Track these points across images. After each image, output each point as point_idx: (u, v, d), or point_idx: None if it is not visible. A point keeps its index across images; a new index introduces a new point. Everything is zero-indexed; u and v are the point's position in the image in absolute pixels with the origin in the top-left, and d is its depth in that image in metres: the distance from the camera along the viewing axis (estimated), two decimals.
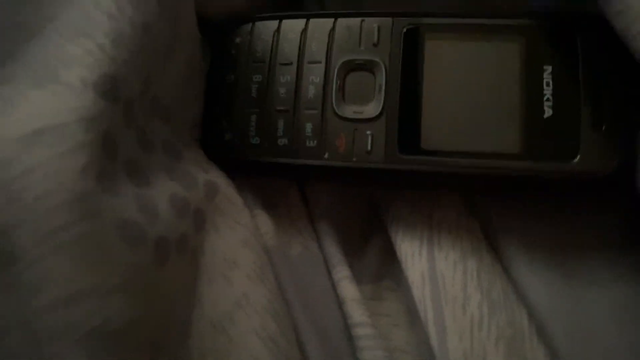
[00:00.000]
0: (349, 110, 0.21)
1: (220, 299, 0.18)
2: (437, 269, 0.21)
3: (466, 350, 0.19)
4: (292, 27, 0.22)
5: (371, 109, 0.21)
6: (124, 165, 0.16)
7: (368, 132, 0.20)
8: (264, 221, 0.21)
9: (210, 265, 0.18)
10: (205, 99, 0.22)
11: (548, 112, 0.19)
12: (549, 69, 0.20)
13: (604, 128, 0.19)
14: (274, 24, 0.22)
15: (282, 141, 0.21)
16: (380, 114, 0.20)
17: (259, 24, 0.22)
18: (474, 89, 0.20)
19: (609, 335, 0.19)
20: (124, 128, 0.16)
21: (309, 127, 0.21)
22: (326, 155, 0.21)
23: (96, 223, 0.14)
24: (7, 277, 0.13)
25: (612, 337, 0.19)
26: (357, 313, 0.20)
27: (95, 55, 0.15)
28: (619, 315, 0.20)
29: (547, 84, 0.20)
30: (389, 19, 0.21)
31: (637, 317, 0.19)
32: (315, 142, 0.21)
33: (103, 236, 0.14)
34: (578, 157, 0.19)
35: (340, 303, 0.21)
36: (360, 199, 0.24)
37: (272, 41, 0.22)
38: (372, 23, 0.21)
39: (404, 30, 0.21)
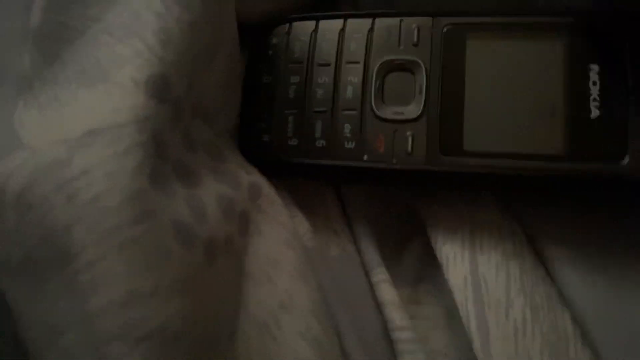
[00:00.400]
0: (389, 111, 0.21)
1: (265, 299, 0.17)
2: (479, 272, 0.20)
3: (510, 355, 0.19)
4: (330, 27, 0.22)
5: (412, 110, 0.20)
6: (173, 166, 0.16)
7: (408, 133, 0.20)
8: (302, 222, 0.21)
9: (254, 265, 0.18)
10: (243, 101, 0.22)
11: (595, 112, 0.19)
12: (595, 68, 0.19)
13: None
14: (311, 24, 0.22)
15: (321, 142, 0.21)
16: (421, 114, 0.20)
17: (296, 24, 0.22)
18: (517, 89, 0.20)
19: None
20: (171, 129, 0.16)
21: (347, 128, 0.21)
22: (365, 157, 0.20)
23: (151, 223, 0.14)
24: (65, 277, 0.13)
25: None
26: (397, 316, 0.20)
27: (144, 55, 0.15)
28: None
29: (594, 83, 0.19)
30: (429, 19, 0.21)
31: None
32: (354, 143, 0.21)
33: (158, 236, 0.14)
34: (627, 157, 0.18)
35: (379, 306, 0.21)
36: (398, 202, 0.23)
37: (310, 42, 0.22)
38: (411, 23, 0.21)
39: (444, 29, 0.21)
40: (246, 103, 0.22)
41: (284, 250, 0.19)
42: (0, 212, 0.14)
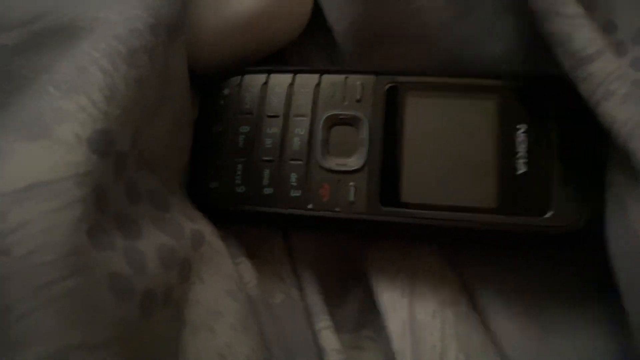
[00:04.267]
0: (333, 162, 0.22)
1: (203, 350, 0.18)
2: (416, 319, 0.21)
3: None
4: (280, 81, 0.23)
5: (354, 162, 0.21)
6: (114, 218, 0.16)
7: (351, 184, 0.21)
8: (247, 270, 0.22)
9: (195, 316, 0.18)
10: (193, 148, 0.23)
11: (521, 169, 0.20)
12: (522, 127, 0.21)
13: (573, 186, 0.20)
14: (262, 77, 0.23)
15: (267, 190, 0.22)
16: (363, 166, 0.21)
17: (247, 77, 0.23)
18: (452, 145, 0.21)
19: None
20: (114, 181, 0.16)
21: (293, 177, 0.22)
22: (310, 205, 0.21)
23: (86, 277, 0.14)
24: None
25: None
26: None
27: (88, 110, 0.15)
28: None
29: (521, 142, 0.21)
30: (372, 77, 0.22)
31: None
32: (299, 192, 0.21)
33: (93, 290, 0.14)
34: (549, 213, 0.20)
35: (320, 352, 0.21)
36: (343, 248, 0.24)
37: (260, 94, 0.23)
38: (355, 80, 0.22)
39: (386, 87, 0.22)
40: (196, 151, 0.23)
41: (226, 301, 0.19)
42: None
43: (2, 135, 0.15)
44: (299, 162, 0.22)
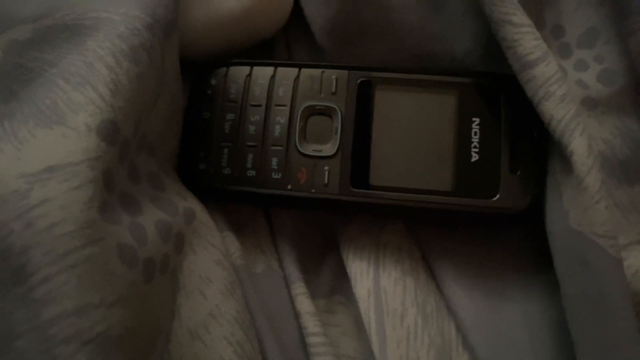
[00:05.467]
0: (310, 148, 0.24)
1: (196, 310, 0.20)
2: (380, 286, 0.24)
3: (402, 356, 0.23)
4: (262, 73, 0.25)
5: (328, 148, 0.24)
6: (119, 197, 0.18)
7: (325, 168, 0.24)
8: (232, 242, 0.24)
9: (188, 281, 0.21)
10: (183, 133, 0.25)
11: (475, 157, 0.23)
12: (477, 120, 0.24)
13: (519, 173, 0.23)
14: (246, 69, 0.25)
15: (251, 173, 0.24)
16: (336, 152, 0.24)
17: (233, 68, 0.25)
18: (416, 135, 0.24)
19: (521, 343, 0.23)
20: (119, 165, 0.19)
21: (274, 161, 0.24)
22: (289, 187, 0.24)
23: (100, 247, 0.16)
24: (21, 291, 0.16)
25: (524, 345, 0.23)
26: (311, 324, 0.23)
27: (96, 103, 0.18)
28: (530, 327, 0.24)
29: (475, 133, 0.24)
30: (346, 72, 0.25)
31: (544, 328, 0.23)
32: (279, 174, 0.24)
33: (105, 258, 0.17)
34: (497, 196, 0.23)
35: (297, 315, 0.24)
36: (319, 224, 0.27)
37: (244, 84, 0.25)
38: (331, 74, 0.25)
39: (358, 82, 0.24)
40: (186, 135, 0.25)
41: (215, 269, 0.22)
42: None
43: (21, 121, 0.17)
44: (280, 148, 0.24)
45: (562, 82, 0.21)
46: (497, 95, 0.24)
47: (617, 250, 0.20)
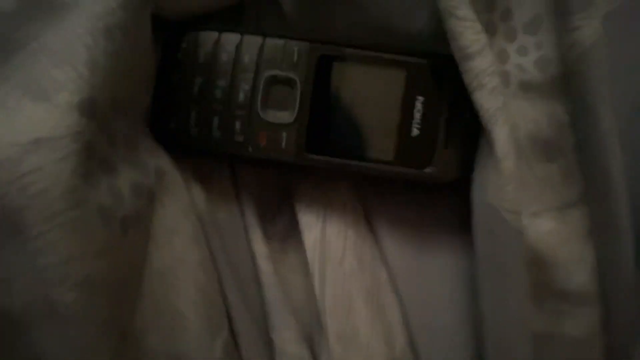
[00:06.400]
0: (270, 115, 0.27)
1: (165, 257, 0.24)
2: (326, 236, 0.28)
3: (338, 294, 0.27)
4: (230, 39, 0.27)
5: (287, 116, 0.27)
6: (99, 163, 0.21)
7: (284, 134, 0.27)
8: (199, 193, 0.28)
9: (158, 232, 0.24)
10: (155, 93, 0.27)
11: (415, 132, 0.26)
12: (421, 99, 0.26)
13: (452, 148, 0.26)
14: (214, 34, 0.27)
15: (216, 134, 0.27)
16: (294, 120, 0.27)
17: (202, 33, 0.27)
18: (365, 108, 0.27)
19: (441, 290, 0.28)
20: (99, 134, 0.21)
21: (238, 124, 0.27)
22: (250, 149, 0.27)
23: (83, 209, 0.19)
24: (17, 243, 0.19)
25: (444, 292, 0.28)
26: (264, 263, 0.28)
27: (77, 82, 0.20)
28: (450, 278, 0.28)
29: (418, 111, 0.26)
30: (307, 43, 0.27)
31: (461, 279, 0.28)
32: (242, 137, 0.27)
33: (88, 218, 0.20)
34: (431, 167, 0.26)
35: (253, 256, 0.28)
36: (277, 178, 0.30)
37: (212, 50, 0.27)
38: (293, 45, 0.27)
39: (318, 55, 0.27)
40: (158, 96, 0.27)
41: (182, 220, 0.25)
42: None
43: (11, 88, 0.20)
44: (243, 112, 0.27)
45: (493, 76, 0.24)
46: (441, 76, 0.26)
47: (518, 222, 0.24)
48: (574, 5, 0.25)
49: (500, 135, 0.24)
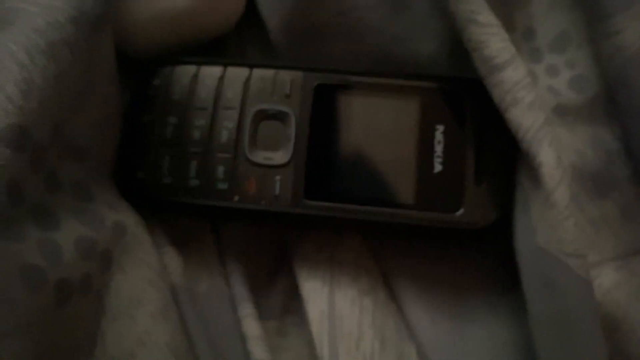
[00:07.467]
0: (260, 156, 0.22)
1: (123, 336, 0.18)
2: (336, 307, 0.22)
3: None
4: (210, 73, 0.23)
5: (281, 156, 0.22)
6: (29, 210, 0.16)
7: (277, 178, 0.22)
8: (173, 259, 0.22)
9: (115, 303, 0.19)
10: (122, 138, 0.23)
11: (438, 168, 0.22)
12: (440, 128, 0.22)
13: (485, 185, 0.21)
14: (192, 69, 0.23)
15: (194, 182, 0.22)
16: (289, 161, 0.22)
17: (178, 67, 0.23)
18: (375, 143, 0.22)
19: None
20: (31, 174, 0.16)
21: (220, 170, 0.22)
22: (236, 198, 0.22)
23: None
24: None
25: None
26: (258, 349, 0.21)
27: (2, 105, 0.15)
28: (495, 350, 0.22)
29: (439, 142, 0.22)
30: (301, 73, 0.23)
31: (509, 352, 0.22)
32: (226, 184, 0.22)
33: (3, 282, 0.14)
34: (462, 209, 0.21)
35: (243, 340, 0.22)
36: (270, 238, 0.25)
37: (190, 85, 0.23)
38: (285, 76, 0.23)
39: (314, 84, 0.23)
40: (125, 140, 0.23)
41: (147, 290, 0.19)
42: None
43: None
44: (227, 155, 0.22)
45: (530, 88, 0.20)
46: (462, 100, 0.22)
47: (585, 270, 0.18)
48: (612, 6, 0.21)
49: (548, 157, 0.19)
